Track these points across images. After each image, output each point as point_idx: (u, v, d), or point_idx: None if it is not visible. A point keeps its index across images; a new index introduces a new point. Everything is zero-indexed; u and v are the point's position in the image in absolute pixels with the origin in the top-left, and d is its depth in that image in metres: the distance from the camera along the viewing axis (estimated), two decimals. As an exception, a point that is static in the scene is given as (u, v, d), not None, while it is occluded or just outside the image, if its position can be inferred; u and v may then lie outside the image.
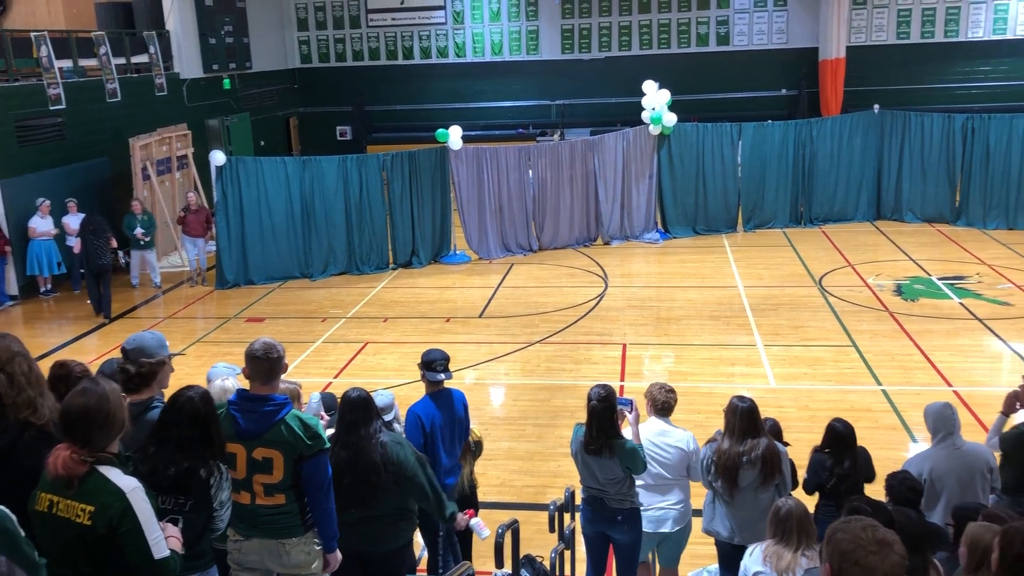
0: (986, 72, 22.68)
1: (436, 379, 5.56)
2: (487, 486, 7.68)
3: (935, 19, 22.73)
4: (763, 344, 11.14)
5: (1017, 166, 16.16)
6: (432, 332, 12.20)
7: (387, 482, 4.52)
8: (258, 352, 4.03)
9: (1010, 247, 15.19)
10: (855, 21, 22.88)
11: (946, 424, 5.37)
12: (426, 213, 15.79)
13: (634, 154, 16.75)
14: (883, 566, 2.35)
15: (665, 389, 5.71)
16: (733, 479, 5.11)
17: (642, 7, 23.60)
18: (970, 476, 5.23)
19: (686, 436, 5.60)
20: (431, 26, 24.49)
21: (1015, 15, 22.34)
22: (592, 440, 5.20)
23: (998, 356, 10.50)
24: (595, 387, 5.28)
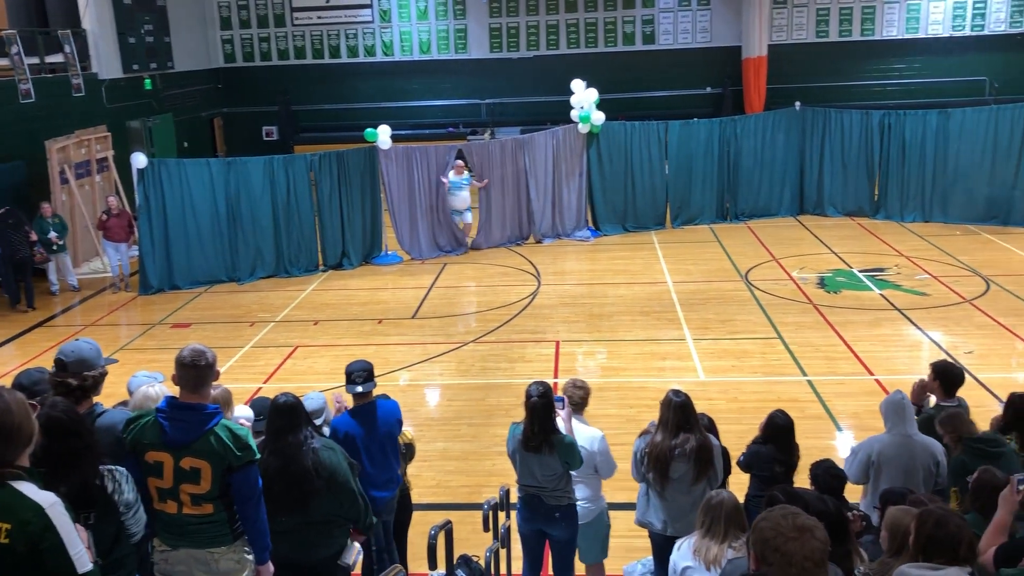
0: (901, 70, 23.47)
1: (354, 391, 5.46)
2: (422, 487, 7.65)
3: (852, 18, 23.42)
4: (692, 338, 11.32)
5: (931, 161, 16.74)
6: (364, 334, 12.09)
7: (320, 488, 4.46)
8: (186, 359, 3.93)
9: (926, 239, 15.74)
10: (776, 20, 23.43)
11: (897, 412, 5.48)
12: (356, 214, 15.63)
13: (564, 152, 16.86)
14: (802, 551, 2.41)
15: (574, 385, 5.73)
16: (664, 472, 5.18)
17: (569, 6, 23.77)
18: (914, 466, 5.34)
19: (592, 435, 5.58)
20: (358, 25, 24.27)
21: (926, 15, 23.16)
22: (532, 437, 5.21)
23: (917, 345, 10.86)
24: (533, 384, 5.29)
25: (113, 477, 3.65)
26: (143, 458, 3.92)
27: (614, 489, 6.36)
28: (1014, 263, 14.01)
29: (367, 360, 5.65)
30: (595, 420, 8.42)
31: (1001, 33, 23.11)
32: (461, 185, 15.99)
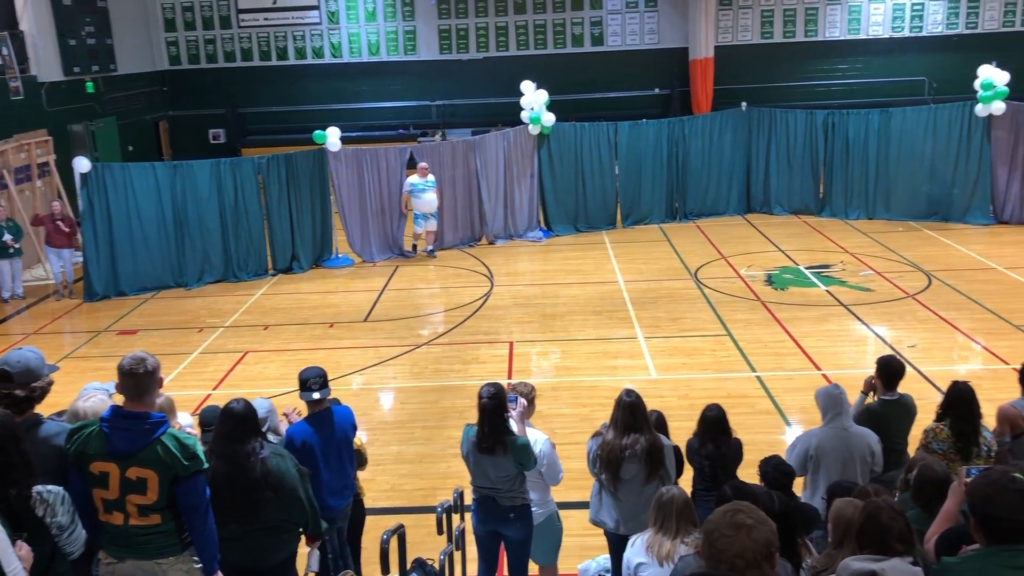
0: (843, 70, 23.95)
1: (309, 399, 5.39)
2: (376, 491, 7.62)
3: (795, 20, 23.83)
4: (644, 336, 11.43)
5: (874, 159, 17.11)
6: (315, 338, 11.99)
7: (268, 497, 4.41)
8: (127, 367, 3.86)
9: (870, 236, 16.08)
10: (722, 21, 23.74)
11: (834, 404, 5.59)
12: (305, 217, 15.49)
13: (515, 154, 16.90)
14: (732, 549, 2.43)
15: (517, 391, 5.67)
16: (615, 472, 5.22)
17: (518, 8, 23.83)
18: (851, 457, 5.47)
19: (536, 438, 5.55)
20: (305, 26, 24.04)
21: (867, 16, 23.67)
22: (485, 438, 5.20)
23: (862, 340, 11.09)
24: (485, 385, 5.29)
25: (45, 501, 3.57)
26: (88, 469, 3.84)
27: (568, 488, 6.39)
28: (954, 258, 14.39)
29: (320, 366, 5.59)
30: (548, 420, 8.52)
31: (939, 34, 23.71)
32: (426, 188, 15.53)
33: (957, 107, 16.46)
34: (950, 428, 5.42)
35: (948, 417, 5.48)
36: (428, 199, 15.56)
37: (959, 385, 5.54)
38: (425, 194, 15.53)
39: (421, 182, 15.51)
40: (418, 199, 15.57)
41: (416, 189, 15.53)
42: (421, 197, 15.54)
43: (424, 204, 15.58)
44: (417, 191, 15.53)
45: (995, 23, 23.78)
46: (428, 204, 15.59)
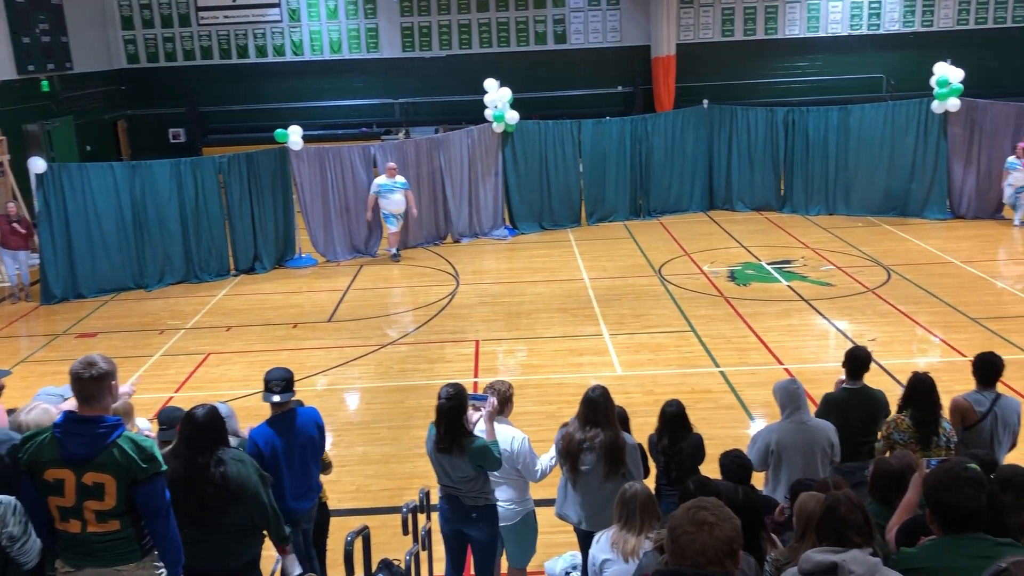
0: (803, 67, 24.23)
1: (270, 400, 5.33)
2: (342, 493, 7.57)
3: (756, 18, 24.06)
4: (609, 333, 11.48)
5: (834, 156, 17.34)
6: (279, 339, 11.88)
7: (227, 501, 4.36)
8: (78, 371, 3.78)
9: (831, 231, 16.29)
10: (683, 19, 23.90)
11: (792, 399, 5.65)
12: (268, 216, 15.34)
13: (479, 152, 16.89)
14: (694, 546, 2.44)
15: (494, 389, 5.68)
16: (574, 464, 5.26)
17: (480, 6, 23.79)
18: (812, 450, 5.53)
19: (513, 435, 5.56)
20: (266, 24, 23.81)
21: (826, 14, 23.96)
22: (441, 439, 5.19)
23: (824, 334, 11.22)
24: (445, 386, 5.28)
25: None
26: (41, 477, 3.76)
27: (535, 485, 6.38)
28: (913, 253, 14.62)
29: (287, 368, 5.52)
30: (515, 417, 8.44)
31: (895, 32, 24.08)
32: (394, 188, 15.27)
33: (914, 104, 16.73)
34: (911, 418, 5.51)
35: (909, 407, 5.58)
36: (396, 199, 15.32)
37: (919, 376, 5.64)
38: (393, 194, 15.30)
39: (389, 182, 15.29)
40: (386, 199, 15.33)
41: (384, 190, 15.31)
42: (389, 198, 15.31)
43: (392, 204, 15.32)
44: (385, 192, 15.31)
45: (950, 21, 24.20)
46: (396, 204, 15.32)
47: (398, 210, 15.40)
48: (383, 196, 15.32)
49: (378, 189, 15.33)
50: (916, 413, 5.50)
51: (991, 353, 5.83)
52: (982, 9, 24.16)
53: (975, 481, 3.18)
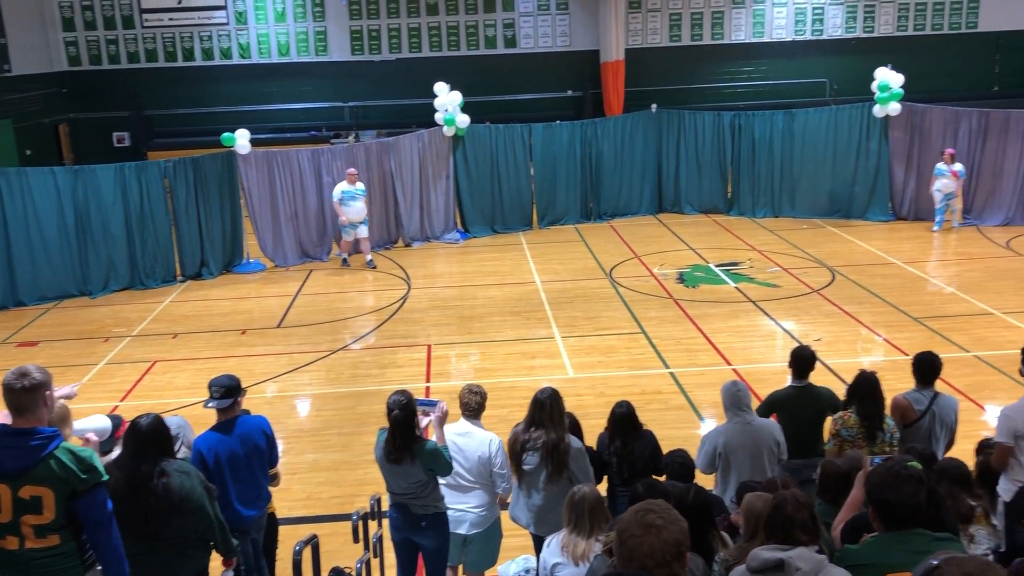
0: (749, 72, 24.63)
1: (208, 406, 5.27)
2: (292, 501, 7.49)
3: (703, 23, 24.40)
4: (561, 336, 11.52)
5: (779, 159, 17.65)
6: (227, 346, 11.71)
7: (171, 513, 4.28)
8: (9, 382, 3.68)
9: (777, 233, 16.56)
10: (631, 25, 24.14)
11: (736, 401, 5.72)
12: (215, 221, 15.11)
13: (430, 155, 16.85)
14: (641, 549, 2.47)
15: (470, 391, 5.71)
16: (518, 463, 5.30)
17: (430, 9, 23.77)
18: (759, 449, 5.62)
19: (488, 438, 5.56)
20: (212, 26, 23.50)
21: (771, 20, 24.40)
22: (394, 450, 5.15)
23: (771, 335, 11.40)
24: (393, 395, 5.21)
25: None
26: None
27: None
28: (856, 254, 14.93)
29: (232, 375, 5.44)
30: (466, 422, 8.49)
31: (838, 38, 24.61)
32: (355, 195, 14.94)
33: (856, 108, 17.09)
34: (857, 414, 5.63)
35: (854, 404, 5.70)
36: (358, 207, 15.02)
37: (864, 373, 5.77)
38: (355, 202, 14.99)
39: (351, 189, 14.95)
40: (348, 207, 14.96)
41: (346, 197, 14.93)
42: (351, 205, 14.96)
43: (354, 212, 14.99)
44: (347, 199, 14.94)
45: (890, 27, 24.81)
46: (358, 212, 15.01)
47: (359, 218, 15.11)
48: (344, 203, 14.95)
49: (340, 196, 14.96)
50: (861, 409, 5.63)
51: (929, 353, 5.98)
52: (920, 16, 24.81)
53: (914, 479, 3.26)
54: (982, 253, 14.72)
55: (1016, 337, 10.53)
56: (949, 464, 4.53)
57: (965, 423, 6.38)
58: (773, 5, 24.35)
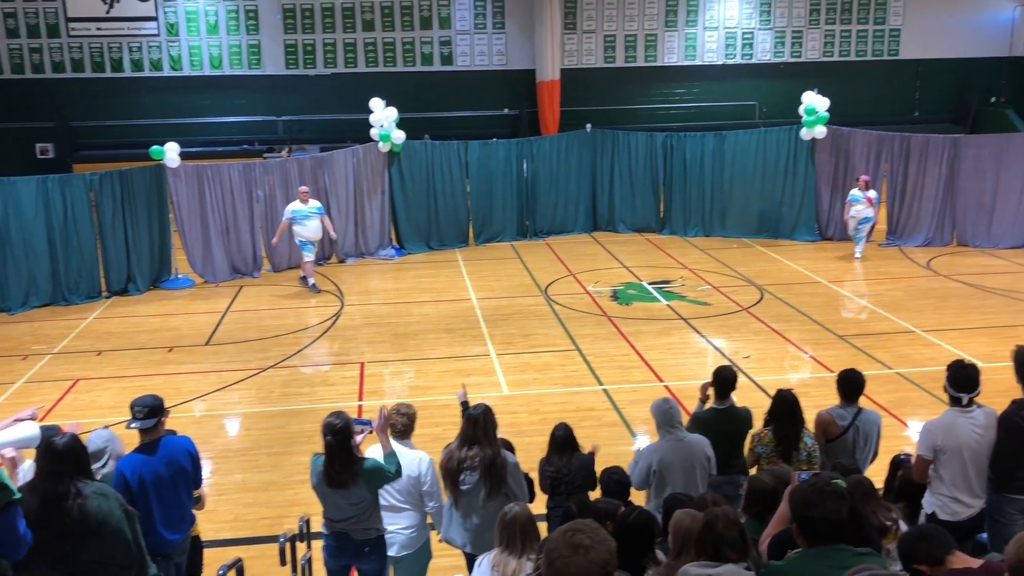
0: (681, 94, 25.11)
1: (131, 427, 5.12)
2: (219, 523, 7.32)
3: (636, 45, 24.80)
4: (496, 353, 11.52)
5: (710, 179, 18.00)
6: (153, 364, 11.41)
7: (87, 537, 4.12)
8: None
9: (707, 252, 16.87)
10: (567, 45, 24.42)
11: (667, 418, 5.79)
12: (142, 236, 14.75)
13: (365, 171, 16.75)
14: (568, 569, 2.46)
15: (397, 411, 5.65)
16: (455, 482, 5.24)
17: (366, 25, 23.69)
18: (691, 465, 5.69)
19: (418, 457, 5.50)
20: (142, 37, 23.01)
21: (702, 43, 24.94)
22: (335, 475, 5.05)
23: (702, 352, 11.58)
24: (328, 418, 5.10)
25: None
26: None
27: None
28: (784, 273, 15.29)
29: (155, 395, 5.31)
30: (399, 441, 8.41)
31: (767, 62, 25.28)
32: (310, 214, 14.39)
33: (784, 131, 17.55)
34: (773, 432, 5.76)
35: (773, 422, 5.83)
36: (313, 226, 14.47)
37: (782, 392, 5.90)
38: (309, 220, 14.42)
39: (303, 208, 14.41)
40: (301, 226, 14.40)
41: (299, 216, 14.39)
42: (305, 224, 14.41)
43: (308, 231, 14.43)
44: (300, 218, 14.39)
45: (817, 53, 25.57)
46: (313, 231, 14.47)
47: (315, 237, 14.61)
48: (298, 223, 14.41)
49: (292, 216, 14.42)
50: (778, 428, 5.76)
51: (853, 370, 6.14)
52: (845, 43, 25.63)
53: (837, 495, 3.34)
54: (904, 273, 15.21)
55: (935, 354, 10.90)
56: (855, 480, 4.65)
57: (888, 438, 6.57)
58: (704, 29, 24.90)
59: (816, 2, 25.21)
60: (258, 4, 23.22)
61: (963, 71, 25.78)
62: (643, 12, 24.60)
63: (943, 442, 5.22)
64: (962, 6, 25.60)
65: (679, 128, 20.35)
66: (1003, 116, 25.16)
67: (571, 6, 24.30)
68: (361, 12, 23.61)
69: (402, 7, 23.72)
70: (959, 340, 11.50)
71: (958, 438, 5.20)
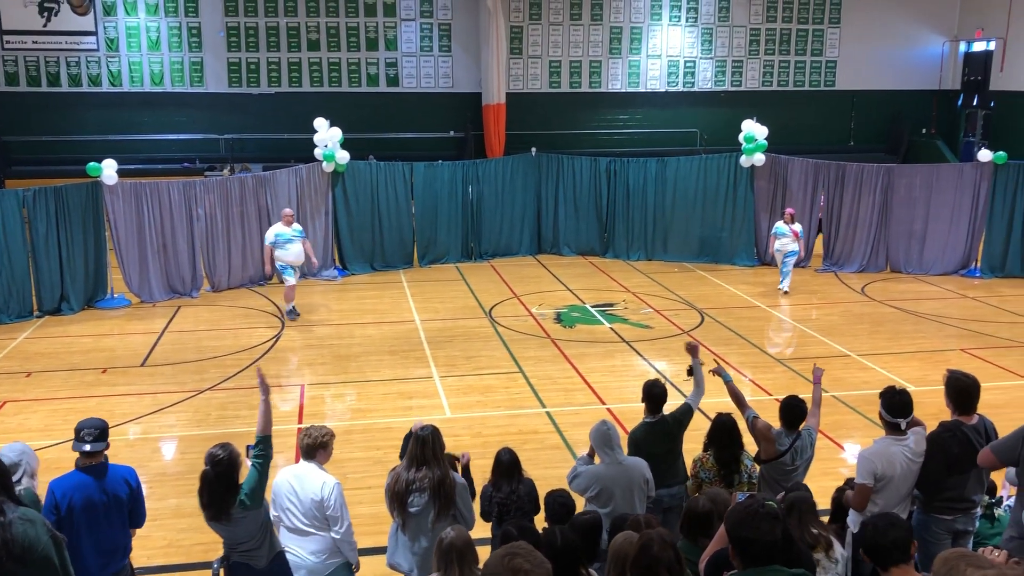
0: (624, 120, 25.49)
1: (80, 449, 4.97)
2: (153, 549, 7.13)
3: (581, 71, 25.14)
4: (439, 375, 11.47)
5: (652, 205, 18.26)
6: (86, 385, 11.10)
7: (10, 565, 3.96)
8: None
9: (650, 276, 17.07)
10: (513, 70, 24.64)
11: (606, 441, 5.81)
12: (77, 254, 14.39)
13: (308, 191, 16.61)
14: None
15: (304, 432, 5.54)
16: (403, 505, 5.18)
17: (311, 45, 23.60)
18: (630, 487, 5.73)
19: (322, 481, 5.34)
20: (80, 52, 22.60)
21: (645, 71, 25.38)
22: (207, 509, 4.99)
23: (644, 374, 11.64)
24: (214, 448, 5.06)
25: None
26: None
27: (362, 534, 6.24)
28: (724, 297, 15.54)
29: (100, 418, 5.19)
30: (340, 464, 8.31)
31: (708, 90, 25.82)
32: (292, 238, 13.74)
33: (724, 157, 17.90)
34: (714, 457, 5.83)
35: (712, 447, 5.89)
36: (295, 250, 13.83)
37: (721, 417, 5.99)
38: (292, 244, 13.77)
39: (287, 232, 13.74)
40: (284, 250, 13.72)
41: (281, 240, 13.69)
42: (287, 248, 13.74)
43: (291, 255, 13.78)
44: (282, 242, 13.70)
45: (756, 82, 26.22)
46: (295, 256, 13.84)
47: (298, 261, 14.00)
48: (280, 247, 13.71)
49: (275, 240, 13.71)
50: (718, 453, 5.83)
51: (795, 397, 6.21)
52: (784, 73, 26.33)
53: (771, 516, 3.39)
54: (840, 298, 15.58)
55: (870, 378, 11.16)
56: (798, 497, 4.75)
57: (824, 460, 6.71)
58: (648, 57, 25.36)
59: (756, 33, 25.88)
60: (201, 21, 22.99)
61: (896, 103, 26.67)
62: (588, 39, 24.97)
63: (882, 470, 5.29)
64: (895, 40, 26.52)
65: (622, 153, 20.64)
66: (933, 147, 26.07)
67: (517, 31, 24.55)
68: (307, 32, 23.53)
69: (348, 28, 23.71)
70: (892, 364, 11.80)
71: (895, 466, 5.30)
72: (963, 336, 13.19)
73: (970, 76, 26.79)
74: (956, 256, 17.11)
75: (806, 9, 26.11)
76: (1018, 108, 24.56)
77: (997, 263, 16.91)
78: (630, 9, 25.12)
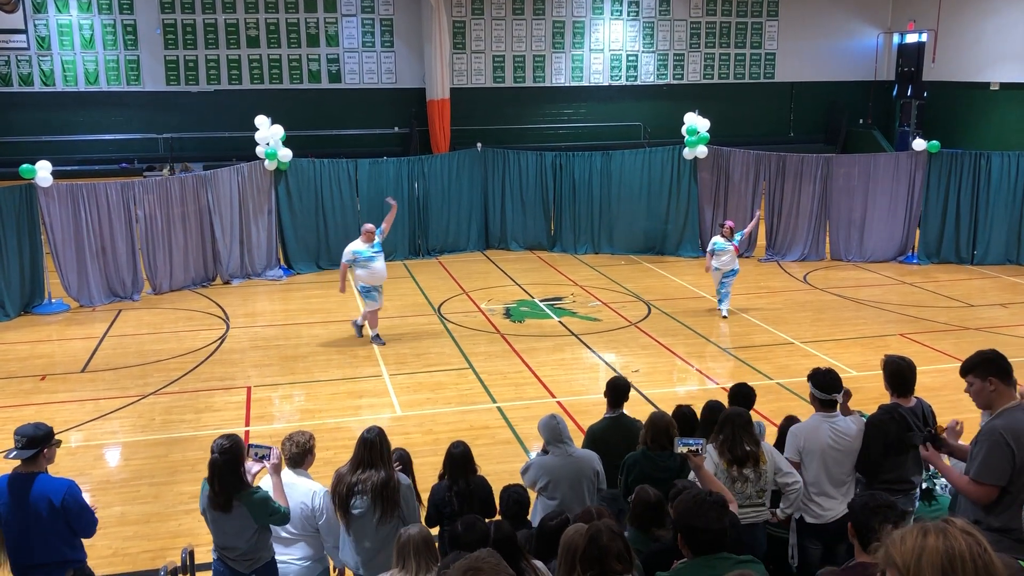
0: (569, 115, 25.60)
1: (8, 457, 4.87)
2: (97, 558, 6.94)
3: (525, 66, 25.17)
4: (389, 374, 11.41)
5: (598, 198, 18.38)
6: (24, 393, 10.80)
7: None
8: None
9: (597, 269, 17.18)
10: (456, 65, 24.57)
11: (555, 433, 5.84)
12: (12, 258, 13.98)
13: (251, 190, 16.36)
14: None
15: (289, 439, 5.53)
16: (345, 507, 5.15)
17: (251, 41, 23.25)
18: (579, 479, 5.76)
19: (312, 490, 5.39)
20: (10, 51, 21.96)
21: (589, 65, 25.51)
22: (216, 496, 4.91)
23: (593, 367, 11.76)
24: (219, 438, 5.00)
25: None
26: None
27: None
28: (670, 288, 15.71)
29: (42, 424, 5.06)
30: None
31: (651, 84, 26.06)
32: (374, 256, 12.04)
33: (668, 150, 18.09)
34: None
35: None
36: (378, 270, 12.12)
37: (680, 408, 6.08)
38: (374, 263, 12.05)
39: (367, 249, 12.05)
40: (366, 270, 12.06)
41: (362, 258, 12.02)
42: (370, 267, 12.05)
43: (375, 276, 12.12)
44: (363, 259, 12.02)
45: (698, 75, 26.53)
46: (379, 276, 12.15)
47: (380, 281, 12.26)
48: (361, 266, 12.06)
49: (353, 257, 12.05)
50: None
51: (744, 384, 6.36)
52: (724, 66, 26.69)
53: (718, 505, 3.44)
54: (782, 287, 15.86)
55: (813, 364, 11.33)
56: (734, 411, 4.99)
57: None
58: (591, 51, 25.49)
59: (696, 27, 26.18)
60: (137, 19, 22.51)
61: (833, 94, 27.23)
62: (531, 34, 25.01)
63: (805, 444, 5.48)
64: (831, 33, 27.06)
65: (567, 148, 20.73)
66: (870, 136, 26.68)
67: (460, 26, 24.48)
68: (246, 29, 23.17)
69: (288, 24, 23.41)
70: (834, 350, 12.05)
71: (819, 441, 5.45)
72: (902, 321, 13.53)
73: (904, 67, 27.48)
74: (894, 243, 17.55)
75: (744, 3, 26.50)
76: (950, 98, 25.26)
77: (933, 249, 17.38)
78: (572, 3, 25.22)
